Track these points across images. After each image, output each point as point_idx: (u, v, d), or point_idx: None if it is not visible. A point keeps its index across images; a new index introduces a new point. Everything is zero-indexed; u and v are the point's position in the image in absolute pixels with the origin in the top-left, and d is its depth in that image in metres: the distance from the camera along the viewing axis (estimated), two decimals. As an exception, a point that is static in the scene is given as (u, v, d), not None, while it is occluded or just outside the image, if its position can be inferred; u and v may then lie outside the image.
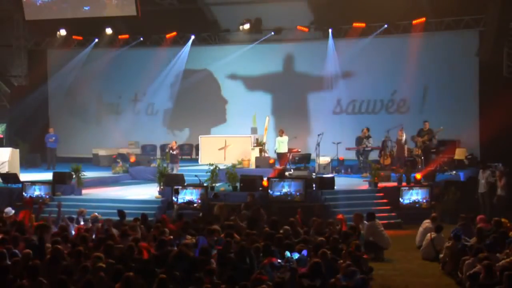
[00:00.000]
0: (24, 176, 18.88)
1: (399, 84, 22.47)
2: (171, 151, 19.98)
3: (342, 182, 18.25)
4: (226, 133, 22.99)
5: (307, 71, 23.68)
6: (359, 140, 20.42)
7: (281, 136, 20.40)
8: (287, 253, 9.87)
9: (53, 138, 22.96)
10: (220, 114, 24.82)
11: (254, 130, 22.38)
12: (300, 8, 22.91)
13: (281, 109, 23.94)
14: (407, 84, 22.26)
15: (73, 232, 12.01)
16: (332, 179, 17.33)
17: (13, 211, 13.79)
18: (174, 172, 19.03)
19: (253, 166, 19.81)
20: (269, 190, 16.30)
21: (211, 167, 17.38)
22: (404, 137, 19.64)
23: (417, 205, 16.24)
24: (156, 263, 9.19)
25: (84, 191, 17.84)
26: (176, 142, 20.51)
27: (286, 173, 18.35)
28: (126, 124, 25.58)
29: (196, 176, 17.52)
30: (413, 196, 16.33)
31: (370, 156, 20.48)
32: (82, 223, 13.27)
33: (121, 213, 13.37)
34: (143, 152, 23.78)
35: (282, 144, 20.29)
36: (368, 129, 20.42)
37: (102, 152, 23.70)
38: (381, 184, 17.28)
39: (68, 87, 25.91)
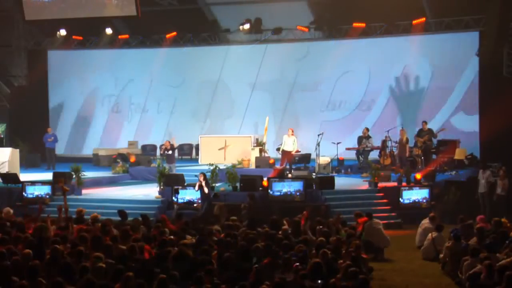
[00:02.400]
0: (24, 176, 18.85)
1: (399, 84, 22.52)
2: (166, 151, 19.86)
3: (342, 182, 18.23)
4: (229, 133, 23.03)
5: (307, 71, 23.67)
6: (360, 140, 20.46)
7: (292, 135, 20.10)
8: None
9: (52, 138, 22.92)
10: (222, 113, 24.80)
11: (258, 130, 22.48)
12: (300, 8, 22.93)
13: (281, 109, 23.95)
14: (407, 84, 22.35)
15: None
16: (332, 179, 17.34)
17: (12, 211, 13.77)
18: (172, 172, 19.02)
19: (253, 166, 19.81)
20: (269, 190, 16.31)
21: (211, 167, 17.39)
22: (405, 137, 19.65)
23: (417, 205, 16.24)
24: (156, 263, 9.19)
25: (84, 191, 17.81)
26: (169, 142, 19.97)
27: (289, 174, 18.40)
28: (126, 124, 25.63)
29: (196, 176, 17.51)
30: (413, 196, 16.33)
31: (370, 156, 20.50)
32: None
33: (122, 213, 13.31)
34: (143, 152, 23.77)
35: (287, 143, 19.97)
36: (367, 129, 20.45)
37: (102, 152, 23.68)
38: (381, 184, 17.28)
39: (68, 87, 25.90)
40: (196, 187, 16.28)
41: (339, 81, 23.25)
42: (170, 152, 19.65)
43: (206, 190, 16.15)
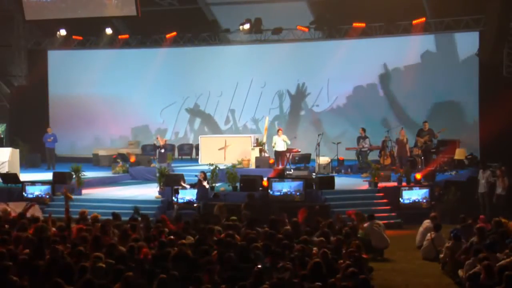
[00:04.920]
0: (24, 176, 18.87)
1: (398, 84, 22.53)
2: (159, 150, 19.81)
3: (342, 182, 18.24)
4: (230, 133, 23.01)
5: (307, 71, 23.67)
6: (358, 140, 20.47)
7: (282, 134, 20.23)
8: None
9: (51, 138, 22.90)
10: (222, 114, 24.79)
11: (259, 130, 22.51)
12: (300, 8, 22.91)
13: (281, 109, 23.94)
14: (407, 84, 22.34)
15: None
16: (332, 179, 17.34)
17: (8, 209, 13.75)
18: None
19: (253, 166, 19.81)
20: (269, 190, 16.31)
21: (211, 167, 17.40)
22: (405, 137, 19.65)
23: (417, 205, 16.25)
24: (156, 263, 9.19)
25: (84, 191, 17.82)
26: (160, 137, 19.96)
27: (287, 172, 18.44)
28: (126, 124, 25.62)
29: (196, 176, 17.53)
30: (413, 196, 16.35)
31: (370, 156, 20.50)
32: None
33: (115, 215, 13.19)
34: (143, 152, 23.77)
35: (278, 143, 20.13)
36: (364, 130, 20.44)
37: (102, 152, 23.68)
38: (381, 184, 17.28)
39: (68, 87, 25.88)
40: (188, 186, 16.38)
41: (339, 81, 23.24)
42: (162, 150, 19.65)
43: (206, 185, 16.37)
